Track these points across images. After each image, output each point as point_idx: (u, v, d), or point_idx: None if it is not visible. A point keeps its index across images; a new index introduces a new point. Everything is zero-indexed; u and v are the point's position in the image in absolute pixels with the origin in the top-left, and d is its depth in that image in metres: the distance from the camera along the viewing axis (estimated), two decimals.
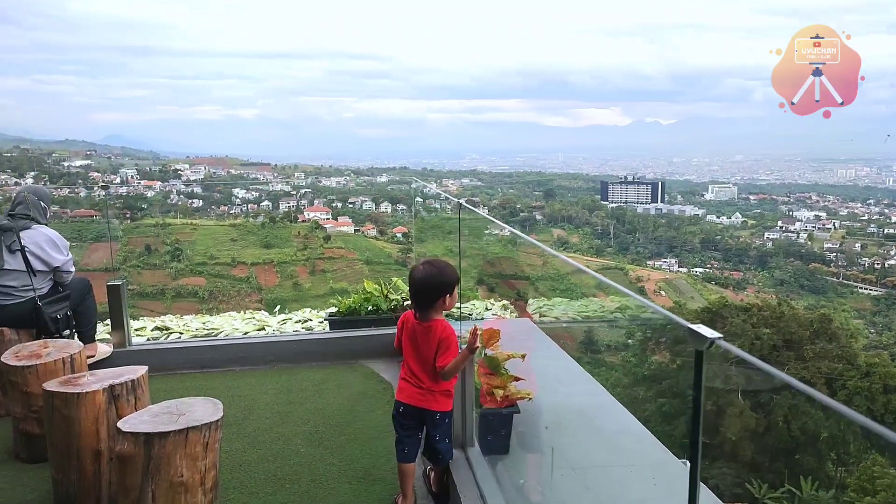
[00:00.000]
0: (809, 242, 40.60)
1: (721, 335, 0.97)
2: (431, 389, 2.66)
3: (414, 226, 6.38)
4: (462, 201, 3.11)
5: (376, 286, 5.06)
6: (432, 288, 2.59)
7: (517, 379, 3.33)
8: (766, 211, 45.82)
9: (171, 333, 5.31)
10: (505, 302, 5.92)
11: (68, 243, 4.25)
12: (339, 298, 5.12)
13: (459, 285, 2.67)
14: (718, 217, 43.47)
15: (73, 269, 4.25)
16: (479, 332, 2.64)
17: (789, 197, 48.74)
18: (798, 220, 42.71)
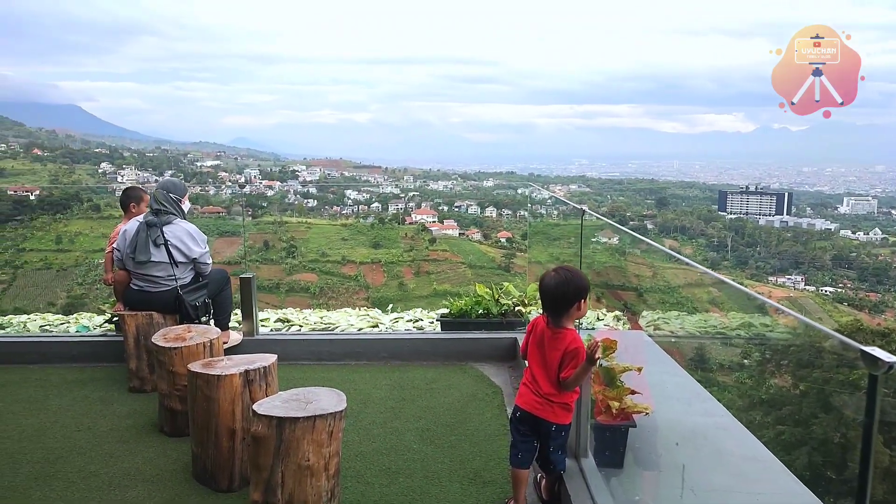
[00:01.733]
0: None
1: None
2: (550, 399, 2.64)
3: (529, 230, 6.36)
4: (584, 207, 3.06)
5: (487, 290, 5.09)
6: (565, 295, 2.57)
7: (633, 392, 3.24)
8: None
9: (291, 325, 5.62)
10: (617, 312, 5.76)
11: (206, 237, 4.63)
12: (451, 300, 5.21)
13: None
14: (854, 232, 39.73)
15: (209, 260, 4.61)
16: (599, 343, 2.59)
17: None
18: None
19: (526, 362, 2.79)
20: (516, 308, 4.97)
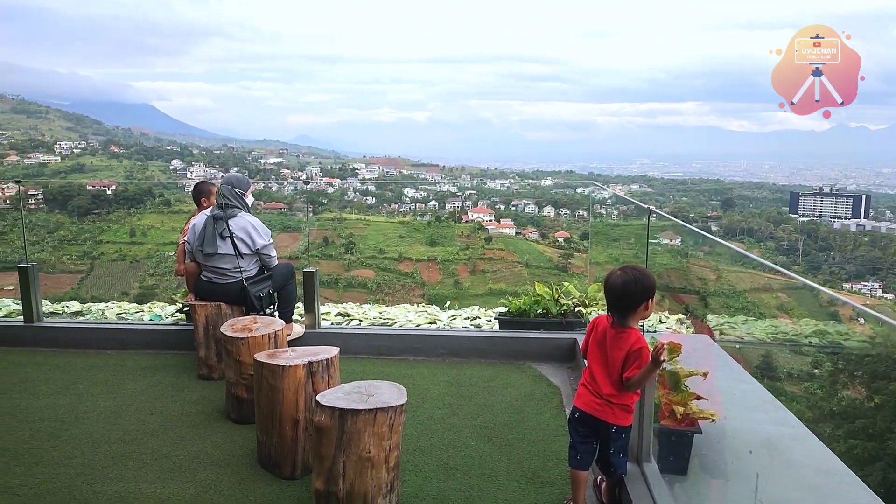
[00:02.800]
0: None
1: None
2: (610, 400, 2.60)
3: (591, 230, 6.26)
4: (651, 207, 2.99)
5: (547, 289, 5.04)
6: (633, 294, 2.52)
7: (699, 398, 3.14)
8: None
9: (351, 320, 5.72)
10: (680, 316, 5.60)
11: (269, 231, 4.76)
12: (509, 299, 5.18)
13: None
14: None
15: (273, 252, 4.73)
16: (665, 346, 2.52)
17: None
18: None
19: (586, 362, 2.75)
20: (576, 308, 4.90)
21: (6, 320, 5.51)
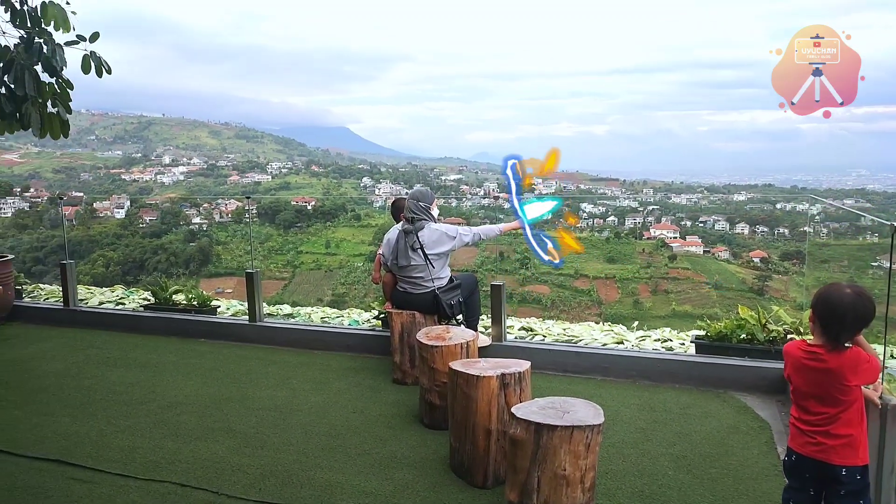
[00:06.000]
0: None
1: None
2: (829, 433, 2.24)
3: (807, 249, 5.62)
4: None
5: (752, 313, 4.61)
6: (869, 317, 2.22)
7: None
8: None
9: (535, 335, 5.70)
10: None
11: (455, 227, 4.91)
12: (707, 321, 4.83)
13: None
14: None
15: (466, 239, 4.87)
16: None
17: None
18: None
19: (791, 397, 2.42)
20: (788, 336, 4.41)
21: (234, 318, 6.32)
